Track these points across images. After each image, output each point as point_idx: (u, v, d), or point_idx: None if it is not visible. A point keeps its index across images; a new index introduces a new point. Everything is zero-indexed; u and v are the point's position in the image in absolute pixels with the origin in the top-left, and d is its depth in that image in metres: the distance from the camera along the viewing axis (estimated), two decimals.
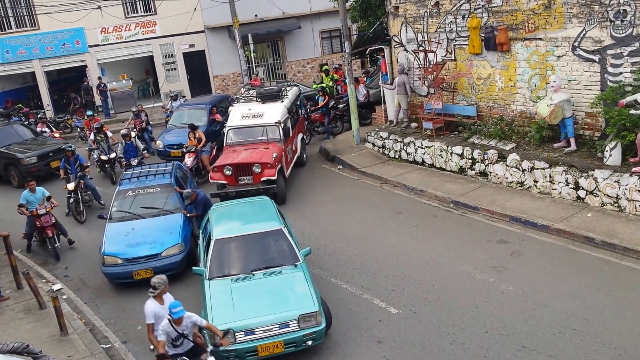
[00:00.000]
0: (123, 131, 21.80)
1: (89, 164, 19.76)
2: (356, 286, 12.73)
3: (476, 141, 17.89)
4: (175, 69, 35.66)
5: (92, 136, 22.80)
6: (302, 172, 20.77)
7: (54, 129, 27.82)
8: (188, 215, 14.73)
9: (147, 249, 13.93)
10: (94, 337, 11.97)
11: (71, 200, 18.34)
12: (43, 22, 32.34)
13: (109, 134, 22.90)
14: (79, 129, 28.59)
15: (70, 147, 19.68)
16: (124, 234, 14.44)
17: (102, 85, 33.44)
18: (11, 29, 32.97)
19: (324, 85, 26.64)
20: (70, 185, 18.21)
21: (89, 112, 26.59)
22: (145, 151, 22.19)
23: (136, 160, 20.74)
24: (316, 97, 25.26)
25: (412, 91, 20.85)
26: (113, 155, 21.61)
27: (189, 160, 20.42)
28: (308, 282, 10.97)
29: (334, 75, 28.61)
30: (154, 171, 16.53)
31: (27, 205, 15.94)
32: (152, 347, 9.94)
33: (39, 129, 26.40)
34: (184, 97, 32.64)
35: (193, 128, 21.47)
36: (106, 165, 21.98)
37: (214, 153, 21.05)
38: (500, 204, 15.54)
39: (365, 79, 26.74)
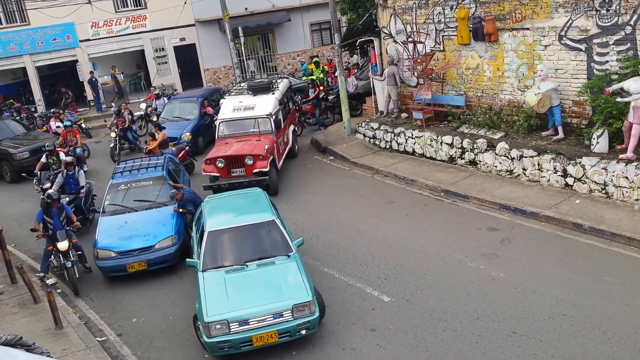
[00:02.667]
0: (67, 159, 17.58)
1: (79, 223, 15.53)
2: (349, 275, 12.83)
3: (465, 130, 18.02)
4: (166, 62, 35.63)
5: (43, 158, 19.31)
6: (294, 163, 20.84)
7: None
8: (180, 210, 14.78)
9: (140, 242, 13.96)
10: (89, 331, 12.02)
11: (55, 263, 14.07)
12: (33, 17, 32.17)
13: (62, 156, 19.10)
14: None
15: (56, 195, 14.07)
16: (117, 227, 14.46)
17: (94, 79, 33.44)
18: (1, 24, 32.78)
19: (314, 77, 26.71)
20: (64, 245, 13.53)
21: (67, 123, 23.61)
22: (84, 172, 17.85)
23: (68, 198, 16.33)
24: (307, 90, 25.34)
25: (401, 82, 20.96)
26: (47, 185, 17.60)
27: None
28: (301, 272, 11.04)
29: (325, 67, 28.68)
30: (146, 164, 16.55)
31: None
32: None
33: (52, 123, 25.80)
34: (175, 90, 32.61)
35: (159, 127, 20.78)
36: (42, 196, 16.65)
37: (180, 155, 19.76)
38: (490, 192, 15.67)
39: (355, 71, 26.84)
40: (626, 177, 13.75)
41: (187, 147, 20.47)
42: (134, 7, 34.42)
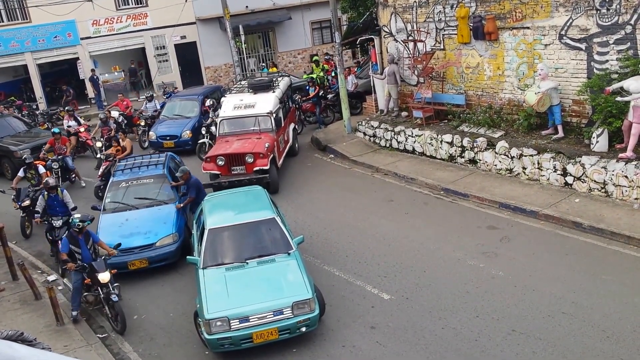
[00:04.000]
0: (50, 181, 15.19)
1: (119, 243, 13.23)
2: (349, 273, 12.87)
3: (465, 129, 18.05)
4: (167, 60, 35.69)
5: (20, 172, 17.66)
6: (294, 161, 20.87)
7: (82, 122, 25.45)
8: (182, 205, 14.81)
9: (141, 239, 14.00)
10: (89, 327, 12.09)
11: (89, 298, 12.23)
12: (34, 14, 32.26)
13: (42, 169, 17.76)
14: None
15: (85, 219, 12.28)
16: (118, 225, 14.49)
17: (95, 77, 33.51)
18: (2, 22, 32.88)
19: (314, 75, 26.73)
20: (106, 276, 11.70)
21: (55, 130, 21.53)
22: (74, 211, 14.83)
23: (61, 221, 14.78)
24: (307, 88, 25.36)
25: (402, 80, 21.00)
26: (27, 202, 16.38)
27: (101, 169, 18.94)
28: (301, 269, 11.08)
29: (324, 65, 28.67)
30: (147, 162, 16.59)
31: None
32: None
33: (65, 122, 25.12)
34: (175, 88, 32.61)
35: (125, 133, 19.92)
36: (21, 215, 16.83)
37: None
38: (490, 191, 15.70)
39: (356, 69, 26.84)
40: (626, 176, 13.78)
41: None
42: (134, 4, 34.48)
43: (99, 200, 17.41)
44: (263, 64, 33.84)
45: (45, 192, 14.98)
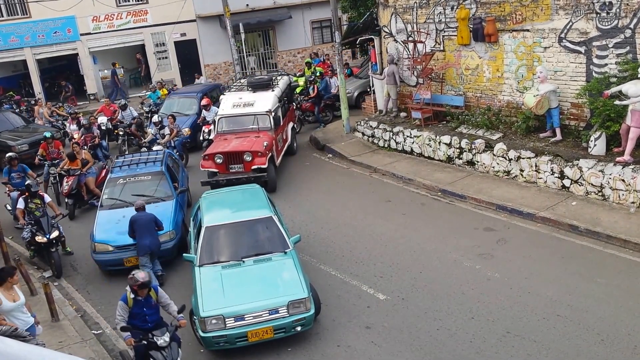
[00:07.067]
0: (139, 275, 9.45)
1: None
2: (345, 273, 12.87)
3: (464, 131, 18.05)
4: (166, 57, 35.69)
5: (20, 203, 14.68)
6: (292, 160, 20.86)
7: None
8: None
9: None
10: (85, 323, 12.08)
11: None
12: (34, 10, 32.28)
13: (47, 198, 14.94)
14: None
15: None
16: (115, 221, 14.43)
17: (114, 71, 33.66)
18: (2, 17, 32.87)
19: (302, 79, 26.66)
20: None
21: (47, 134, 20.03)
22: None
23: (168, 337, 9.57)
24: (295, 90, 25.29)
25: (401, 81, 21.00)
26: (55, 234, 14.28)
27: (66, 185, 17.57)
28: (297, 269, 11.09)
29: (317, 68, 28.36)
30: (145, 159, 16.56)
31: None
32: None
33: (67, 124, 24.40)
34: (174, 85, 32.55)
35: (79, 145, 18.89)
36: (51, 250, 14.26)
37: (102, 174, 18.11)
38: (487, 193, 15.71)
39: (346, 71, 26.70)
40: (623, 180, 13.78)
41: (106, 166, 18.98)
42: (135, 1, 34.49)
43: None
44: (152, 85, 30.40)
45: (131, 295, 9.59)
